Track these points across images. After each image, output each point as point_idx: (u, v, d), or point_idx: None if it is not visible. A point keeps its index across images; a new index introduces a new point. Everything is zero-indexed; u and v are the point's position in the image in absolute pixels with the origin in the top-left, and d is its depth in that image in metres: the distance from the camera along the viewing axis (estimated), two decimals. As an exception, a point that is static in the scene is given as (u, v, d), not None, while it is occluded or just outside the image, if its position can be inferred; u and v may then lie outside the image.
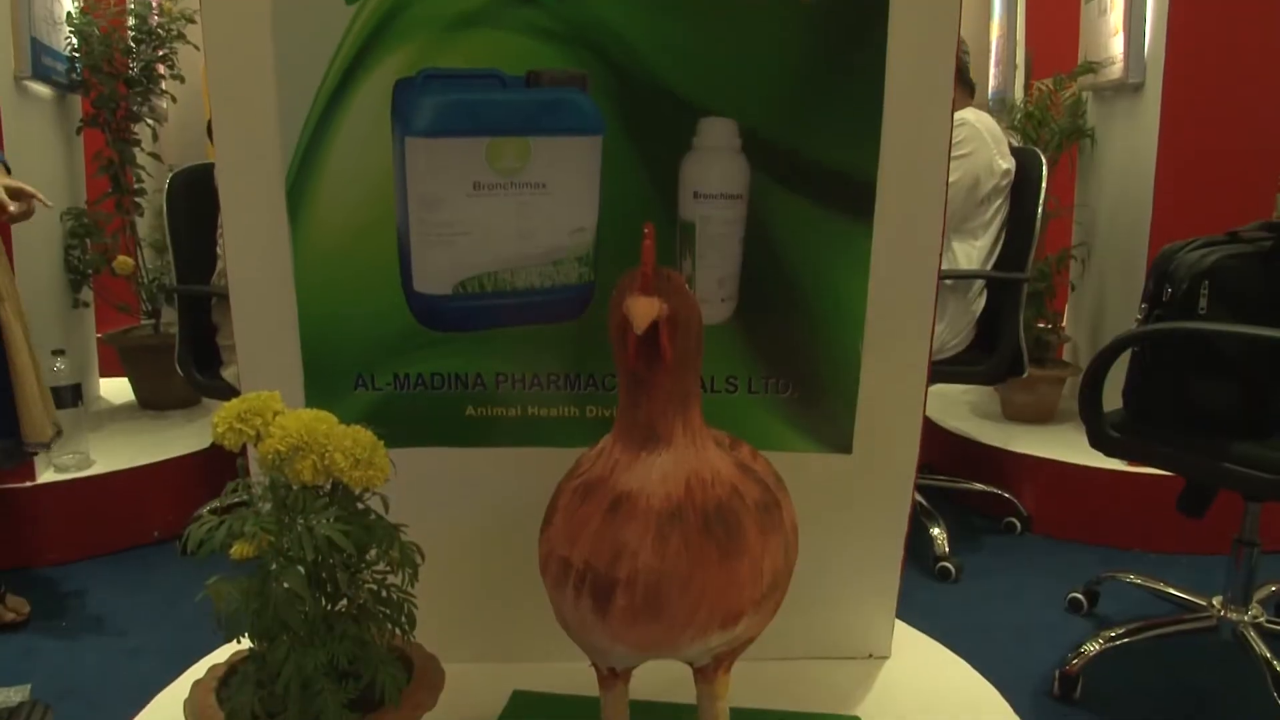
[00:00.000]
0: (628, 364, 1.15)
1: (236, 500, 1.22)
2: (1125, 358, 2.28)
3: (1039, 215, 2.88)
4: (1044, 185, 2.89)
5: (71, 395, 3.03)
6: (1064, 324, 3.80)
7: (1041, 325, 3.56)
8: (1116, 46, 3.29)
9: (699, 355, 1.19)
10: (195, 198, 2.91)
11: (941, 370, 2.90)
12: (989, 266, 2.95)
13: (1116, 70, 3.28)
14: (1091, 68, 3.47)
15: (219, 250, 2.89)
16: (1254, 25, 3.06)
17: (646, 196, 1.42)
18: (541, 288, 1.44)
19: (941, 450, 3.52)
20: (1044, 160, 2.94)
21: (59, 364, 3.02)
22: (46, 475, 3.04)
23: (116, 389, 3.94)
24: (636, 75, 1.38)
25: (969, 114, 2.99)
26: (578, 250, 1.43)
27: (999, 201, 2.96)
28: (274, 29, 1.40)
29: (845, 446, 1.54)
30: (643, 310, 1.10)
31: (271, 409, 1.21)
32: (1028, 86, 3.94)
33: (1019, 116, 3.66)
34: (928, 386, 1.58)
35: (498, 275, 1.44)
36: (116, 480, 3.10)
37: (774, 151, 1.41)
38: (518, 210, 1.41)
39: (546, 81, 1.38)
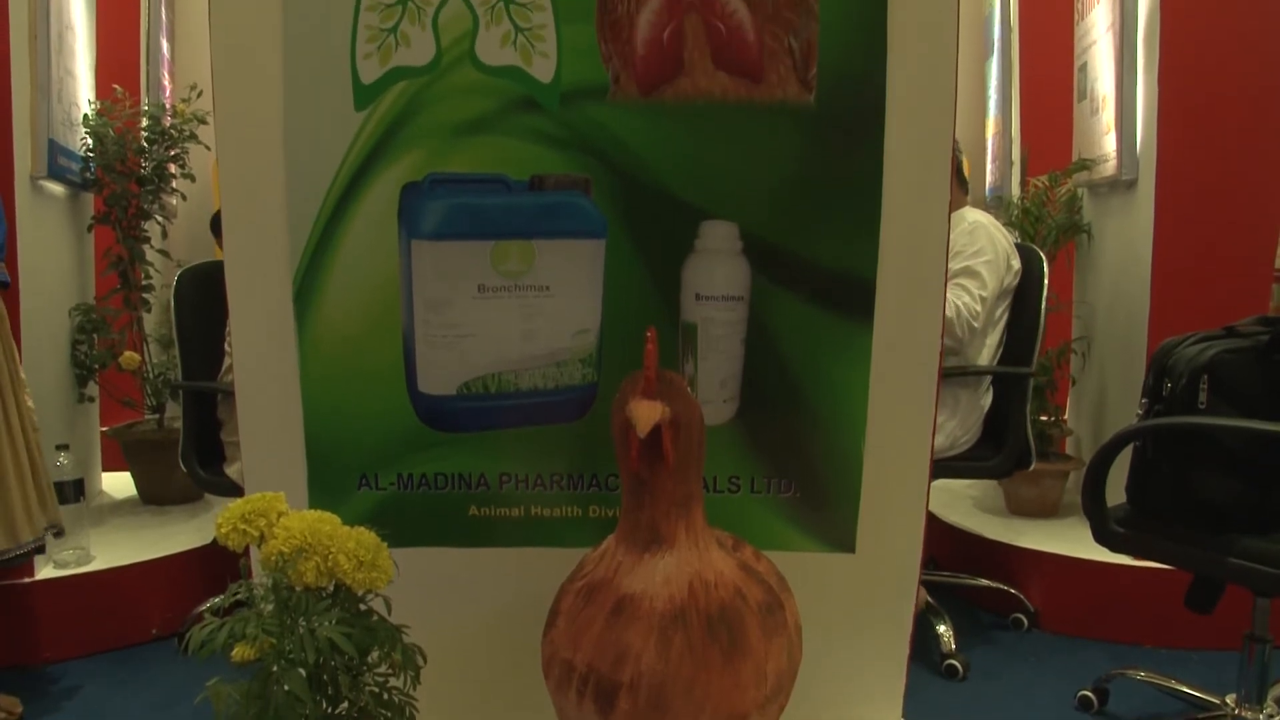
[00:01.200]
0: (630, 466, 1.16)
1: (237, 599, 1.21)
2: (1127, 452, 2.28)
3: (1041, 311, 2.90)
4: (1045, 282, 2.92)
5: (74, 490, 3.02)
6: (1066, 417, 3.80)
7: (1044, 419, 3.56)
8: (1109, 144, 3.35)
9: (701, 457, 1.20)
10: (203, 295, 2.94)
11: (951, 465, 2.90)
12: (995, 363, 2.97)
13: (1110, 167, 3.33)
14: (1086, 165, 3.52)
15: (225, 347, 2.91)
16: (1243, 122, 3.11)
17: (649, 298, 1.44)
18: (545, 389, 1.46)
19: (946, 545, 3.49)
20: (1044, 258, 2.98)
21: (62, 459, 3.02)
22: (45, 571, 3.02)
23: (119, 483, 3.93)
24: (639, 179, 1.41)
25: (980, 216, 3.03)
26: (581, 351, 1.45)
27: (1007, 300, 2.99)
28: (285, 133, 1.44)
29: (848, 545, 1.54)
30: (645, 414, 1.11)
31: (276, 510, 1.21)
32: (1024, 183, 4.00)
33: (1016, 213, 3.71)
34: (930, 483, 1.59)
35: (502, 376, 1.45)
36: (116, 576, 3.08)
37: (774, 253, 1.43)
38: (522, 312, 1.43)
39: (550, 186, 1.41)
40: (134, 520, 3.59)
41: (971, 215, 3.01)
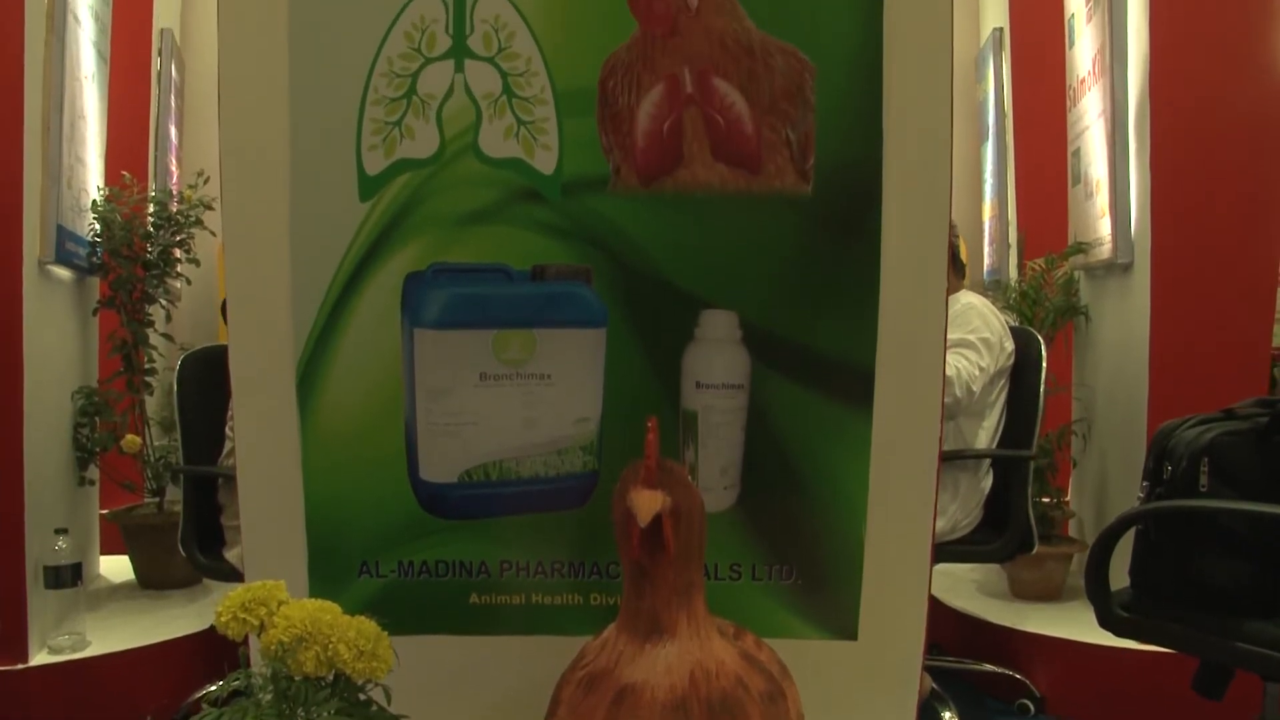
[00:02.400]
0: (632, 555, 1.16)
1: (236, 688, 1.20)
2: (1130, 534, 2.27)
3: (1040, 394, 2.91)
4: (1044, 364, 2.93)
5: (71, 575, 3.00)
6: (1068, 499, 3.79)
7: (1045, 501, 3.54)
8: (1104, 228, 3.39)
9: (702, 546, 1.20)
10: (205, 379, 2.95)
11: (953, 550, 2.88)
12: (994, 445, 2.97)
13: (1105, 250, 3.36)
14: (1081, 248, 3.56)
15: (227, 431, 2.91)
16: (1236, 205, 3.15)
17: (649, 386, 1.45)
18: (546, 476, 1.46)
19: (949, 630, 3.45)
20: (1042, 340, 2.99)
21: (60, 543, 3.01)
22: (40, 657, 2.98)
23: (117, 567, 3.91)
24: (639, 269, 1.43)
25: (974, 298, 3.06)
26: (582, 439, 1.46)
27: (1002, 382, 3.00)
28: (291, 222, 1.46)
29: (850, 633, 1.53)
30: (646, 503, 1.11)
31: (276, 599, 1.21)
32: (1021, 266, 4.04)
33: (1014, 296, 3.74)
34: (932, 567, 1.58)
35: (503, 464, 1.46)
36: (112, 663, 3.04)
37: (774, 341, 1.45)
38: (523, 400, 1.44)
39: (552, 275, 1.43)
40: (132, 605, 3.56)
41: (965, 298, 3.04)
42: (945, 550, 2.80)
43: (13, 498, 2.81)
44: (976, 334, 2.91)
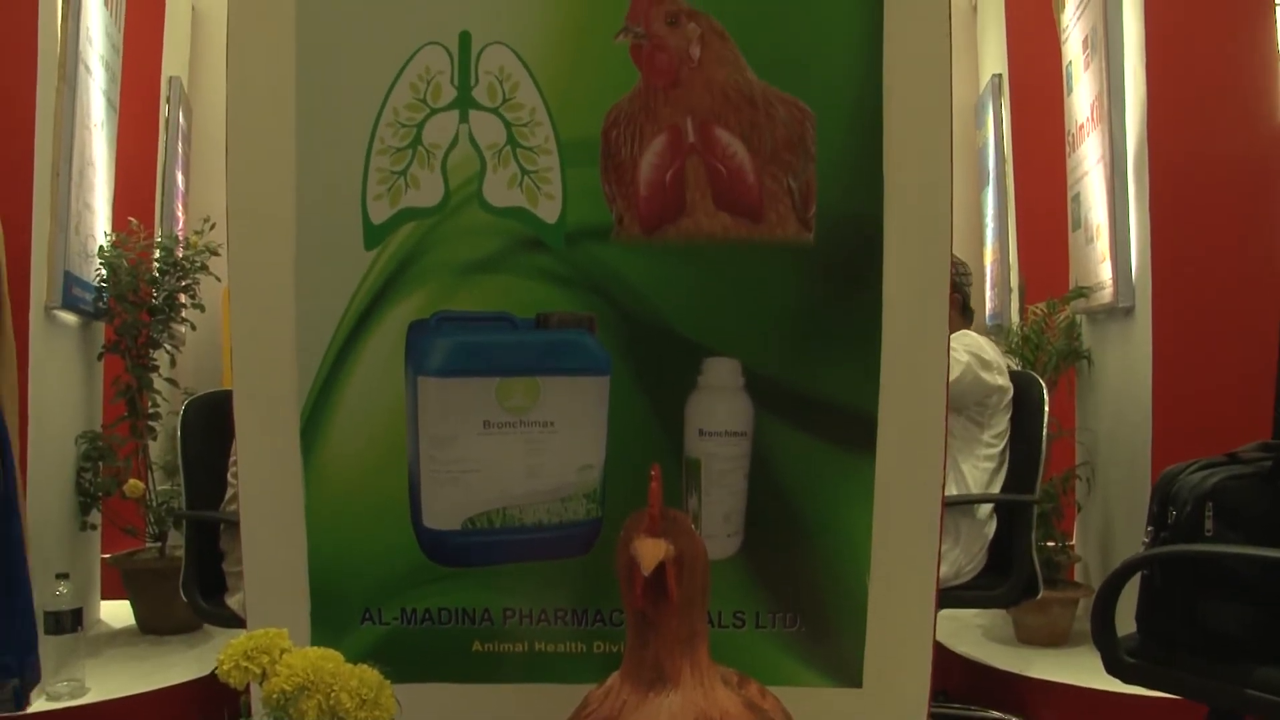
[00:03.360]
0: (635, 604, 1.16)
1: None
2: (1136, 579, 2.26)
3: (1043, 438, 2.90)
4: (1046, 409, 2.93)
5: (71, 620, 2.99)
6: (1073, 544, 3.78)
7: (1050, 545, 3.53)
8: (1105, 272, 3.40)
9: (706, 594, 1.20)
10: (209, 424, 2.95)
11: (958, 595, 2.87)
12: (996, 489, 2.96)
13: (1107, 295, 3.38)
14: (1083, 292, 3.57)
15: (230, 477, 2.91)
16: (1236, 249, 3.17)
17: (653, 434, 1.46)
18: (549, 524, 1.46)
19: (955, 676, 3.43)
20: (1044, 384, 2.99)
21: (61, 588, 3.00)
22: (39, 704, 2.96)
23: (117, 612, 3.89)
24: (642, 317, 1.44)
25: (974, 336, 3.06)
26: (585, 487, 1.46)
27: (1001, 423, 2.99)
28: (296, 270, 1.48)
29: (855, 680, 1.52)
30: (649, 552, 1.11)
31: (278, 647, 1.21)
32: (1023, 310, 4.05)
33: (1016, 340, 3.75)
34: (937, 614, 1.57)
35: (506, 511, 1.46)
36: (111, 709, 3.02)
37: (776, 389, 1.45)
38: (526, 448, 1.44)
39: (555, 323, 1.44)
40: (132, 650, 3.55)
41: (967, 336, 3.04)
42: (950, 595, 2.79)
43: (15, 544, 2.80)
44: (981, 351, 2.91)
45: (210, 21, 5.09)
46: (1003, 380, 3.00)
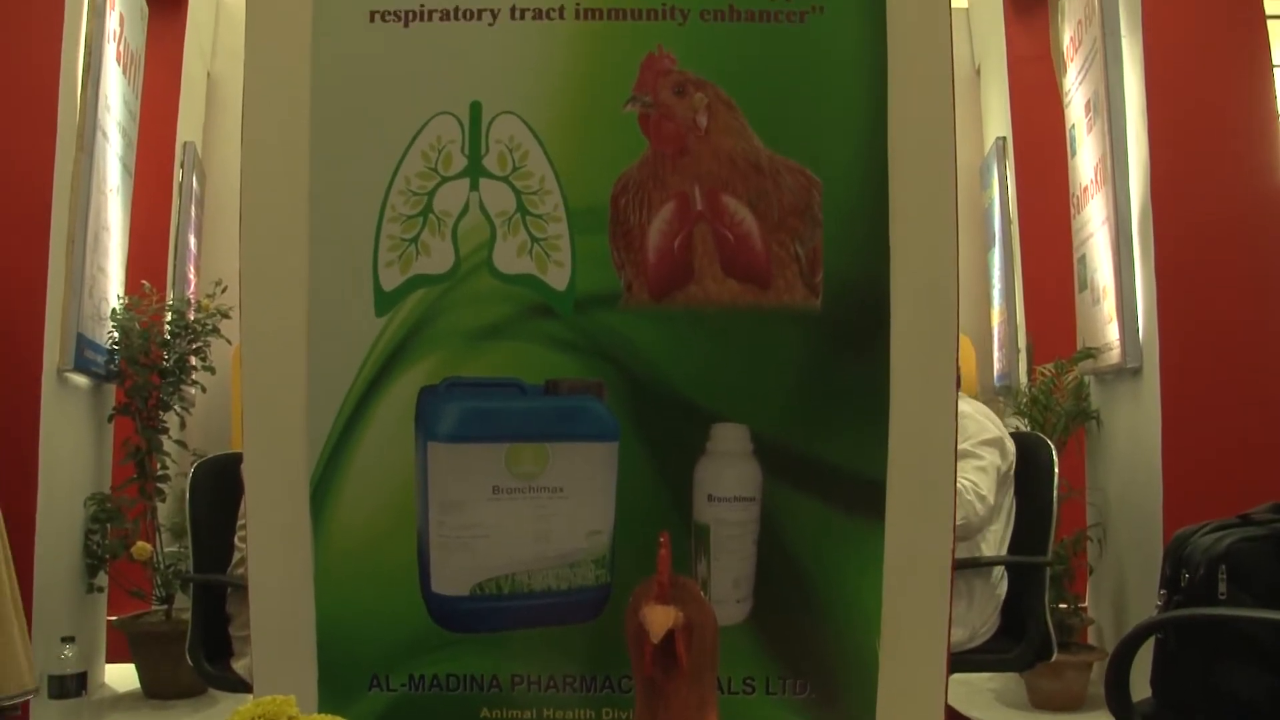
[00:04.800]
0: (644, 672, 1.15)
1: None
2: (1150, 642, 2.23)
3: (1054, 500, 2.89)
4: (1055, 470, 2.92)
5: (76, 684, 2.98)
6: (1086, 605, 3.74)
7: (1063, 608, 3.50)
8: (1112, 333, 3.41)
9: (715, 661, 1.19)
10: (218, 487, 2.95)
11: (971, 659, 2.84)
12: (1005, 551, 2.94)
13: (1114, 355, 3.38)
14: (1090, 353, 3.58)
15: (237, 541, 2.91)
16: (1243, 308, 3.18)
17: (661, 500, 1.46)
18: (558, 590, 1.46)
19: (969, 741, 3.38)
20: (1053, 446, 2.99)
21: (66, 651, 2.99)
22: (43, 771, 2.94)
23: (122, 676, 3.87)
24: (651, 383, 1.45)
25: (965, 405, 3.05)
26: (594, 553, 1.46)
27: (1008, 488, 2.98)
28: (308, 336, 1.49)
29: (866, 747, 1.51)
30: (659, 619, 1.11)
31: (286, 714, 1.20)
32: (1031, 371, 4.06)
33: (1024, 401, 3.75)
34: (948, 677, 1.56)
35: (515, 577, 1.45)
36: (115, 776, 3.00)
37: (785, 455, 1.46)
38: (535, 513, 1.44)
39: (565, 390, 1.45)
40: (136, 715, 3.52)
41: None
42: (963, 659, 2.76)
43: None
44: (974, 440, 2.89)
45: (225, 87, 5.18)
46: (1011, 446, 2.97)
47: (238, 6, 5.25)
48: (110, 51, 3.39)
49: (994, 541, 2.94)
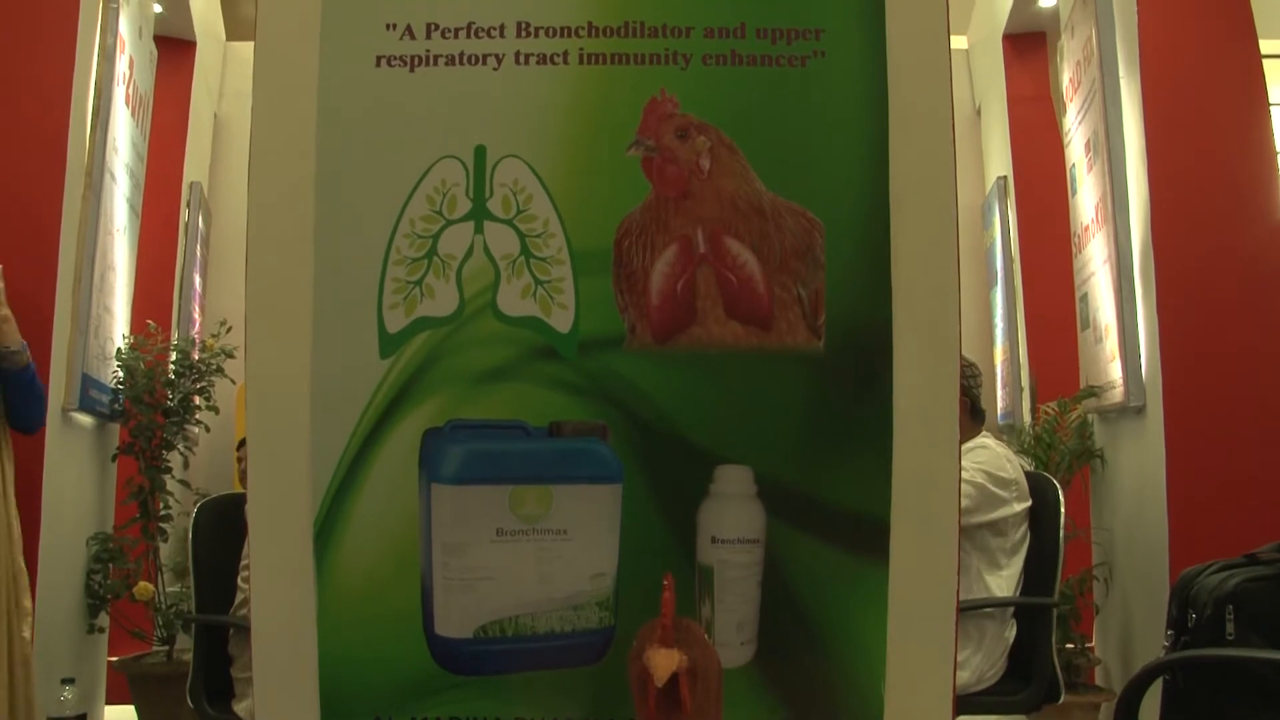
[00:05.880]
0: (648, 715, 1.15)
1: None
2: (1159, 682, 2.22)
3: (1060, 539, 2.88)
4: (1061, 509, 2.91)
5: (75, 727, 2.96)
6: (1093, 645, 3.72)
7: (1070, 648, 3.48)
8: (1115, 371, 3.41)
9: (719, 704, 1.19)
10: (221, 527, 2.95)
11: (979, 701, 2.82)
12: (1016, 593, 2.93)
13: (1117, 394, 3.38)
14: (1093, 392, 3.58)
15: (240, 582, 2.90)
16: (1245, 346, 3.18)
17: (665, 542, 1.45)
18: (562, 632, 1.45)
19: (977, 784, 3.35)
20: (1058, 485, 2.98)
21: (66, 693, 2.97)
22: (41, 814, 2.91)
23: (122, 718, 3.84)
24: (654, 425, 1.45)
25: (990, 441, 3.04)
26: (598, 595, 1.45)
27: (1023, 529, 2.97)
28: (313, 378, 1.49)
29: (871, 792, 1.49)
30: (662, 662, 1.11)
31: (287, 760, 1.19)
32: (1034, 410, 4.06)
33: (1028, 440, 3.75)
34: (955, 721, 1.55)
35: (518, 620, 1.45)
36: (113, 821, 2.97)
37: (788, 496, 1.45)
38: (539, 556, 1.44)
39: (568, 432, 1.45)
40: (136, 758, 3.49)
41: (982, 441, 3.02)
42: (971, 701, 2.74)
43: (22, 648, 2.79)
44: (999, 470, 2.88)
45: (232, 128, 5.23)
46: (1019, 506, 2.94)
47: (245, 48, 5.31)
48: (119, 94, 3.42)
49: (1007, 585, 2.92)
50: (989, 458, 2.94)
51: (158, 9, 4.38)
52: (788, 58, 1.51)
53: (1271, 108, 3.33)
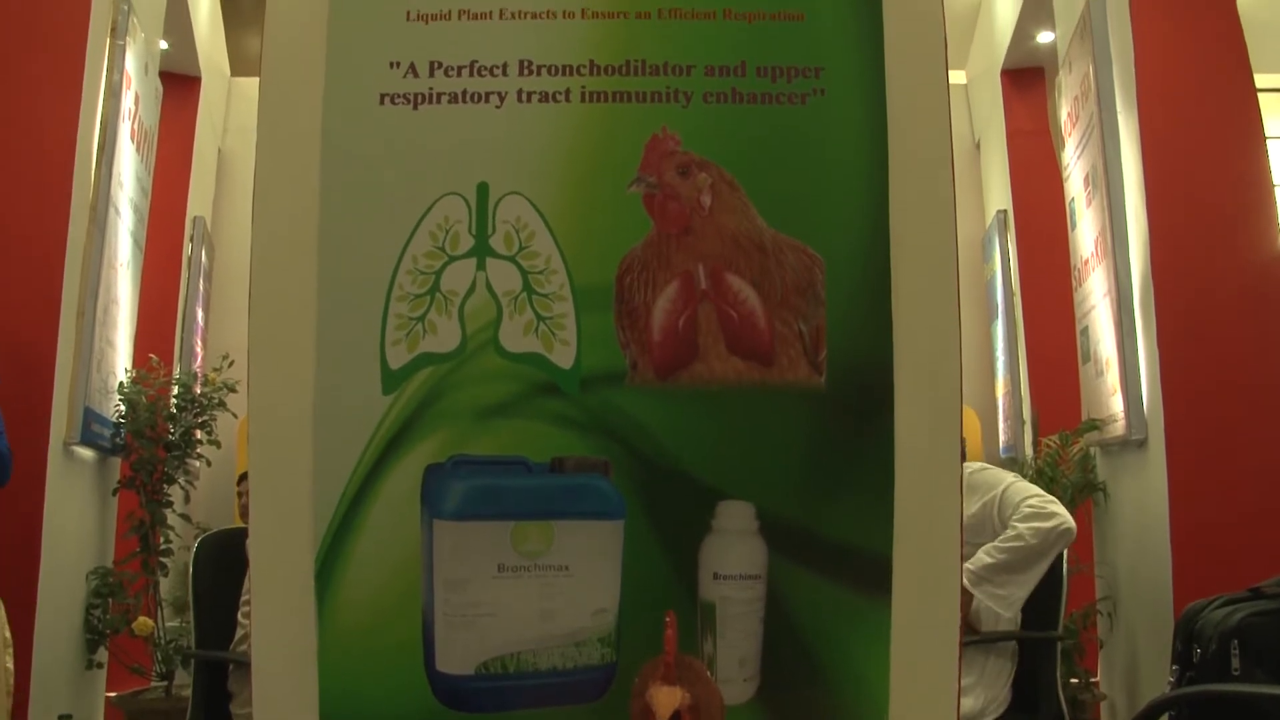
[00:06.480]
0: (650, 754, 1.14)
1: None
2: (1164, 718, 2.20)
3: (1063, 573, 2.87)
4: (1064, 545, 2.91)
5: (73, 765, 2.94)
6: (1097, 680, 3.69)
7: (1075, 683, 3.45)
8: (1117, 404, 3.41)
9: (722, 743, 1.18)
10: (221, 561, 2.95)
11: (985, 737, 2.80)
12: (1016, 626, 2.92)
13: (1119, 427, 3.38)
14: (1095, 425, 3.58)
15: (240, 617, 2.89)
16: (1246, 378, 3.19)
17: (667, 578, 1.45)
18: (563, 669, 1.45)
19: (981, 820, 3.31)
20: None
21: (65, 730, 2.95)
22: None
23: (120, 754, 3.81)
24: (656, 461, 1.45)
25: (988, 466, 3.05)
26: (600, 631, 1.45)
27: None
28: (315, 414, 1.49)
29: (875, 831, 1.48)
30: (665, 700, 1.11)
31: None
32: (1036, 443, 4.06)
33: (1030, 473, 3.74)
34: (959, 760, 1.54)
35: (520, 656, 1.44)
36: None
37: (790, 532, 1.45)
38: (541, 592, 1.44)
39: (570, 468, 1.45)
40: (134, 796, 3.46)
41: (979, 466, 3.03)
42: (975, 738, 2.72)
43: (18, 683, 2.78)
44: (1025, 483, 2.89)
45: (235, 162, 5.26)
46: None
47: (250, 84, 5.36)
48: (125, 130, 3.45)
49: (1008, 617, 2.91)
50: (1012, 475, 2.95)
51: (164, 45, 4.42)
52: (788, 95, 1.52)
53: (1268, 141, 3.35)
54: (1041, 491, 2.86)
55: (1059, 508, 2.79)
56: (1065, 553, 2.91)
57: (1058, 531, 2.68)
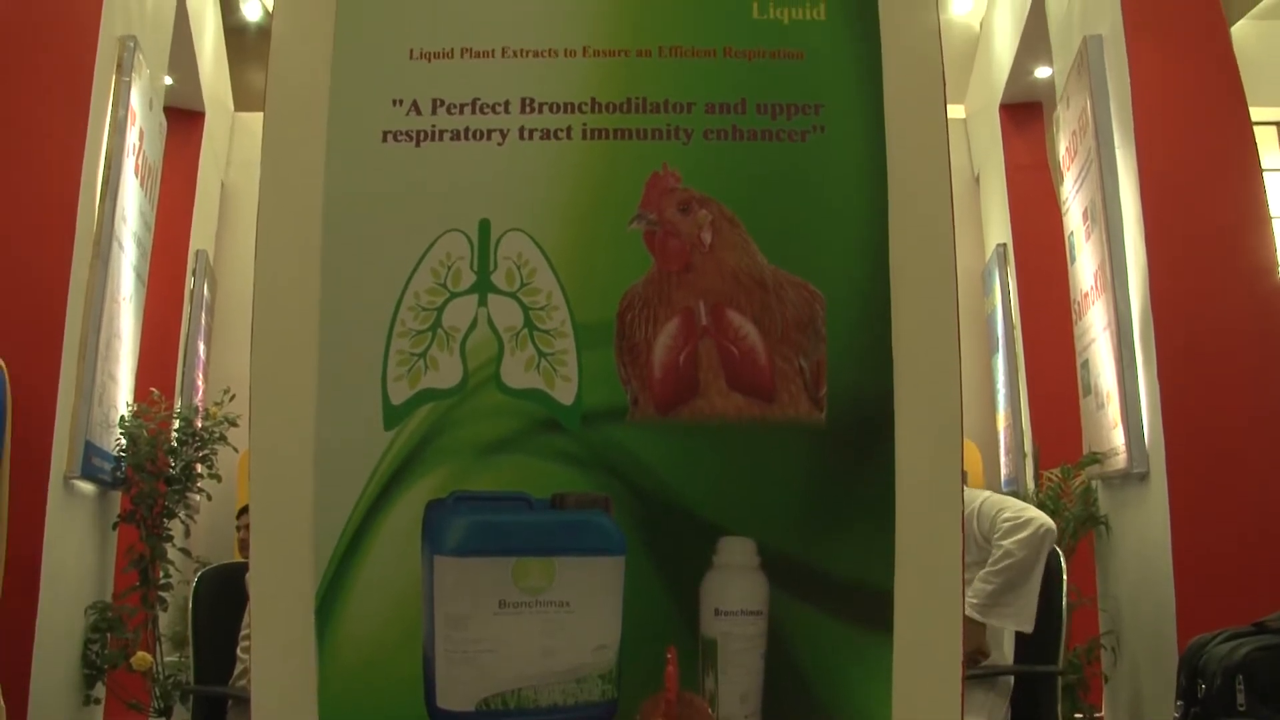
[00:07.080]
0: (652, 793, 1.13)
1: None
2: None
3: (1064, 607, 2.86)
4: (1064, 577, 2.90)
5: (70, 802, 2.91)
6: (1103, 716, 3.67)
7: (1079, 718, 3.43)
8: (1118, 438, 3.41)
9: (724, 782, 1.17)
10: (221, 596, 2.94)
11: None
12: (1011, 659, 2.90)
13: (1120, 460, 3.38)
14: (1096, 458, 3.57)
15: (240, 652, 2.88)
16: (1247, 409, 3.19)
17: (668, 614, 1.45)
18: (564, 705, 1.44)
19: None
20: (1060, 553, 2.97)
21: (63, 766, 2.93)
22: None
23: (117, 791, 3.78)
24: (657, 497, 1.46)
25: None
26: (601, 667, 1.44)
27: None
28: (316, 449, 1.50)
29: None
30: (666, 739, 1.10)
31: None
32: (1037, 476, 4.05)
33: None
34: (962, 797, 1.53)
35: (521, 692, 1.44)
36: None
37: (791, 567, 1.45)
38: (542, 628, 1.44)
39: (571, 504, 1.45)
40: (131, 833, 3.43)
41: (978, 492, 3.04)
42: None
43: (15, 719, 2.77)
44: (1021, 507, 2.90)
45: (238, 196, 5.29)
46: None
47: (253, 119, 5.39)
48: (129, 165, 3.47)
49: (1008, 650, 2.90)
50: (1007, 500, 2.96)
51: (169, 80, 4.45)
52: (788, 132, 1.53)
53: (1265, 173, 3.37)
54: (1013, 502, 2.90)
55: (1034, 512, 2.85)
56: (1065, 586, 2.90)
57: (1039, 535, 2.75)
